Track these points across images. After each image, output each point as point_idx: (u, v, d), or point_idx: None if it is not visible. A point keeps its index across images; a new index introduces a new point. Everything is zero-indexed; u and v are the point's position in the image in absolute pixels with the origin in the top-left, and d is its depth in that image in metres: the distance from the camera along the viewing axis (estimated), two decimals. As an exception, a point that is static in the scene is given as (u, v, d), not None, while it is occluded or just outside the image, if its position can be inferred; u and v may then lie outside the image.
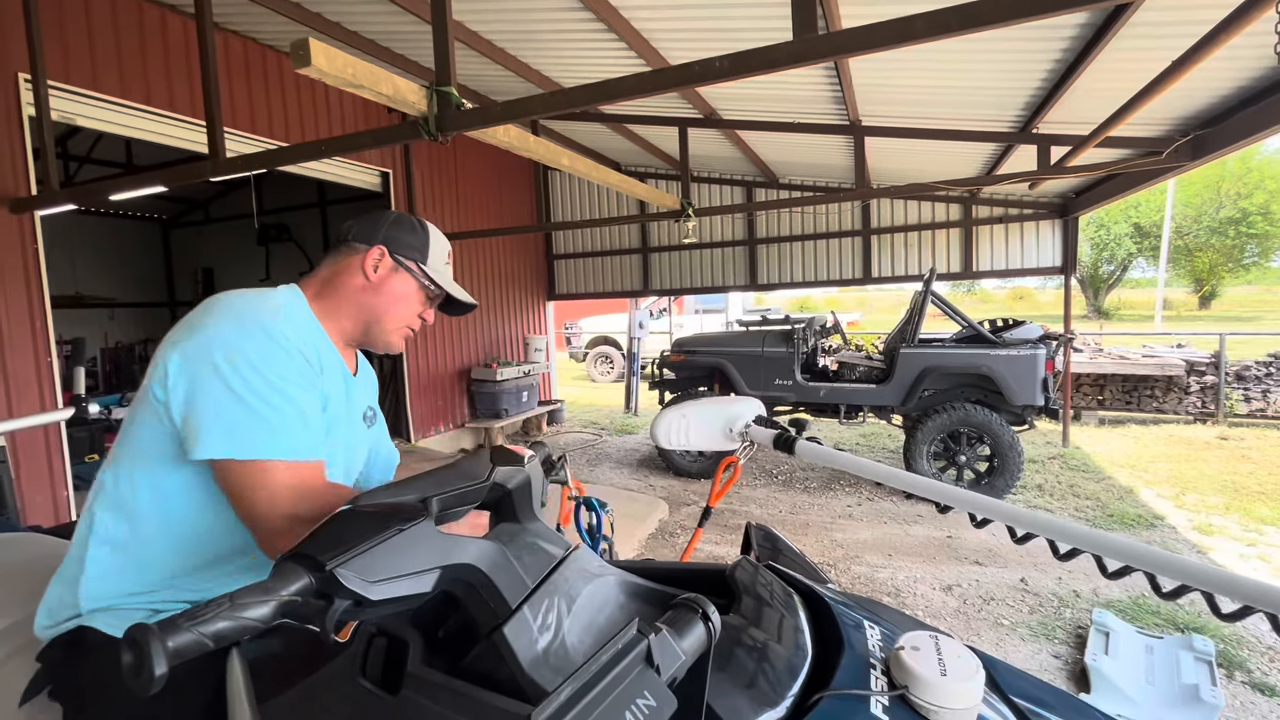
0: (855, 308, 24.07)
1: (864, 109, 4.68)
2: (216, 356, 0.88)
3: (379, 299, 1.11)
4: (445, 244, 1.20)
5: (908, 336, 5.11)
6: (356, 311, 1.11)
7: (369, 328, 1.13)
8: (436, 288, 1.15)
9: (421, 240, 1.15)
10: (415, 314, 1.16)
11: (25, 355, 3.50)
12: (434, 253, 1.16)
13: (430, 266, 1.15)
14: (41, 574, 1.23)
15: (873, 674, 0.71)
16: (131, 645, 0.46)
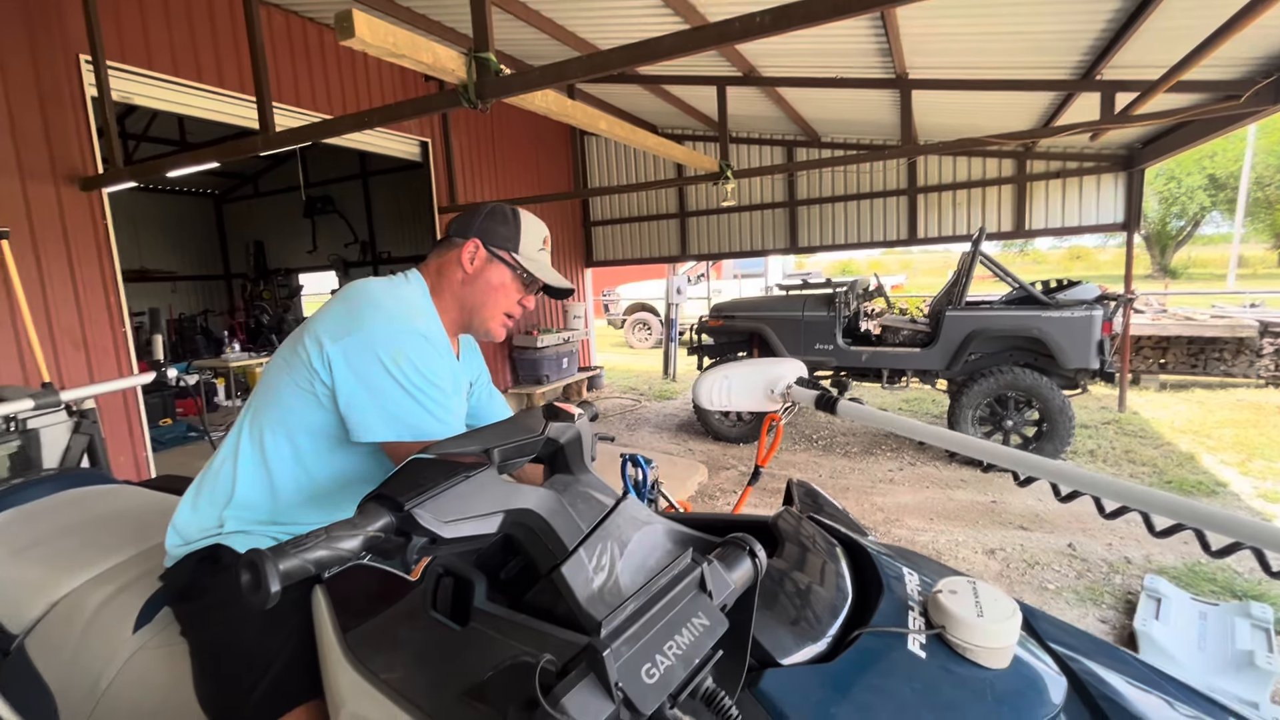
0: (899, 270, 23.33)
1: (912, 61, 4.47)
2: (382, 356, 1.01)
3: (476, 290, 1.19)
4: (540, 230, 1.24)
5: (954, 299, 4.97)
6: (459, 303, 1.20)
7: (471, 317, 1.21)
8: (530, 276, 1.20)
9: (513, 230, 1.20)
10: (514, 302, 1.22)
11: (102, 326, 3.74)
12: (526, 240, 1.21)
13: (523, 255, 1.20)
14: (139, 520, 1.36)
15: (910, 615, 0.74)
16: (249, 566, 0.52)
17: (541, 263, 1.23)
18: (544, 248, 1.25)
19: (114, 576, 1.17)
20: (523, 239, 1.20)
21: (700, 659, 0.55)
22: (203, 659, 0.96)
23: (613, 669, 0.48)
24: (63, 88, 3.53)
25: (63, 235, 3.56)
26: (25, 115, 3.38)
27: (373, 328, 1.02)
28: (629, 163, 8.23)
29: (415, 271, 1.21)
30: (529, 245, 1.21)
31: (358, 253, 10.69)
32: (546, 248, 1.26)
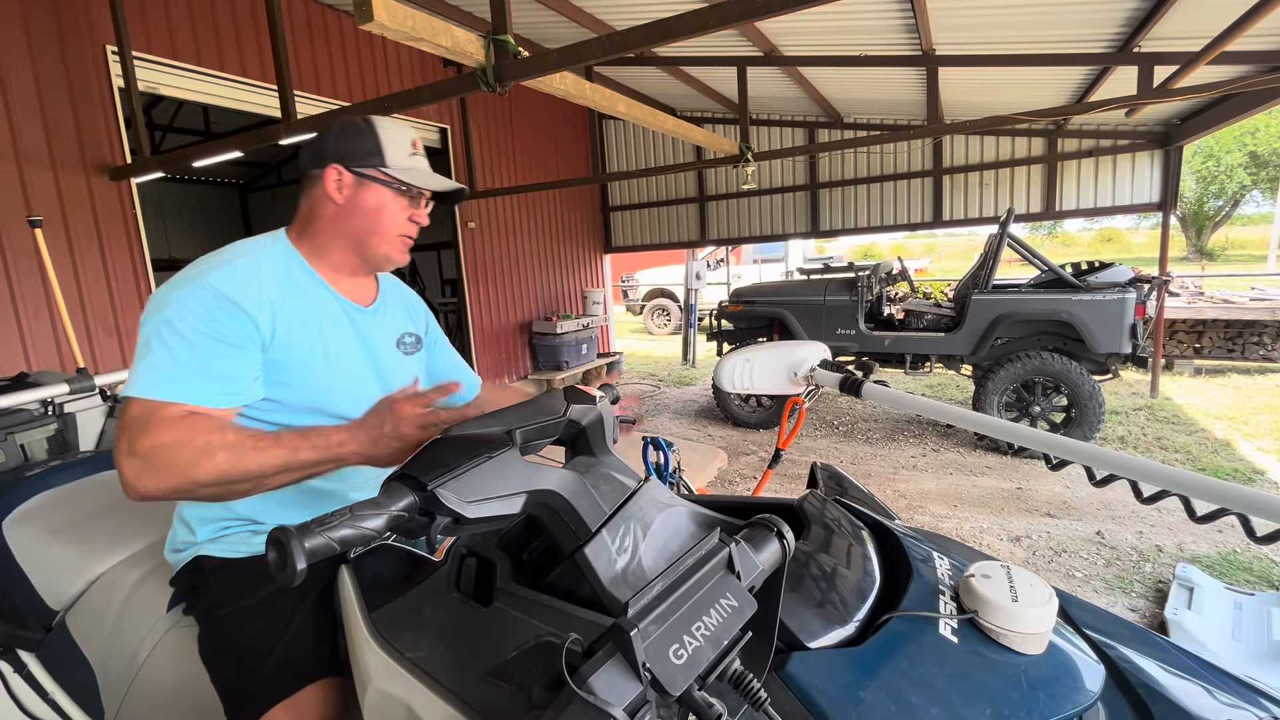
0: (924, 254, 22.89)
1: (939, 37, 4.34)
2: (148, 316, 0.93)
3: (355, 219, 1.07)
4: (405, 134, 1.10)
5: (980, 282, 4.86)
6: (342, 238, 1.08)
7: (362, 249, 1.09)
8: (410, 187, 1.08)
9: (373, 142, 1.06)
10: (403, 220, 1.10)
11: (134, 312, 3.83)
12: (392, 150, 1.07)
13: (394, 166, 1.06)
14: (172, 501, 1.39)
15: (941, 599, 0.72)
16: (275, 545, 0.53)
17: (417, 169, 1.09)
18: (415, 151, 1.10)
19: (148, 556, 1.20)
20: (387, 149, 1.06)
21: (729, 641, 0.54)
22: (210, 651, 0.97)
23: (640, 649, 0.48)
24: (91, 80, 3.59)
25: (94, 224, 3.64)
26: (56, 107, 3.44)
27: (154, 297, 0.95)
28: (647, 147, 8.15)
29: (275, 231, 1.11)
30: (397, 154, 1.07)
31: (379, 240, 10.80)
32: (418, 150, 1.11)
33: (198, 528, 1.05)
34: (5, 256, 3.28)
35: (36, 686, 1.15)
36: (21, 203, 3.33)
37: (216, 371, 0.92)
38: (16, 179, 3.31)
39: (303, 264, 1.07)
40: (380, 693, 0.74)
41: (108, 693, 1.08)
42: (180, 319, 0.91)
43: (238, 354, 0.94)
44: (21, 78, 3.30)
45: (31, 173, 3.37)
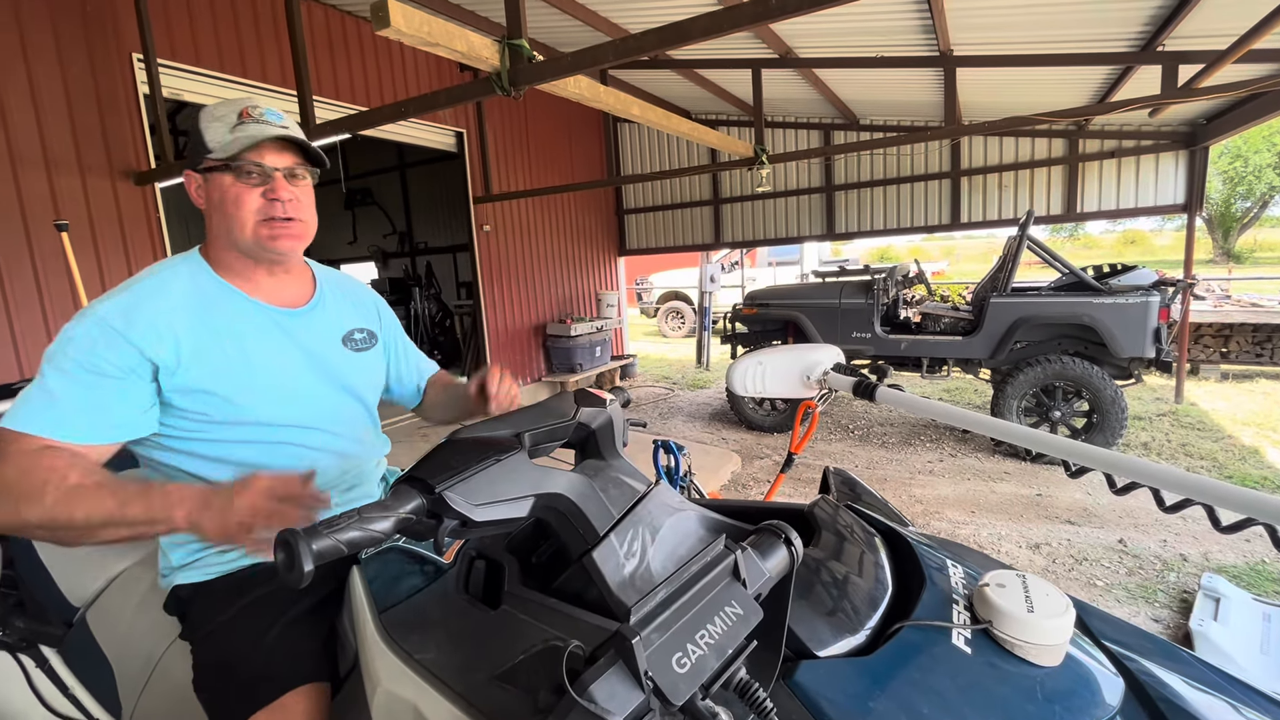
0: (941, 256, 22.65)
1: (956, 37, 4.30)
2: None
3: (215, 218, 1.02)
4: (229, 109, 1.01)
5: (999, 285, 4.79)
6: (222, 242, 1.03)
7: (237, 248, 1.03)
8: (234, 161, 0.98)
9: (198, 135, 1.00)
10: (254, 199, 1.00)
11: (157, 315, 3.90)
12: (213, 131, 0.99)
13: (216, 147, 0.98)
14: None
15: (955, 609, 0.71)
16: (283, 547, 0.53)
17: (240, 138, 0.97)
18: (243, 120, 0.99)
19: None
20: (208, 134, 0.99)
21: (734, 649, 0.53)
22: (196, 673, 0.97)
23: (642, 657, 0.47)
24: (117, 87, 3.67)
25: (119, 228, 3.72)
26: (84, 114, 3.53)
27: None
28: (662, 150, 8.16)
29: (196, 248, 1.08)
30: (217, 134, 0.98)
31: (396, 243, 10.90)
32: (249, 118, 0.99)
33: (170, 552, 1.04)
34: (34, 259, 3.36)
35: (58, 681, 1.17)
36: (50, 207, 3.41)
37: (88, 405, 0.88)
38: (46, 184, 3.39)
39: (213, 277, 1.04)
40: (389, 694, 0.74)
41: (125, 690, 1.10)
42: (61, 351, 0.89)
43: (116, 386, 0.90)
44: (51, 86, 3.39)
45: (60, 178, 3.45)
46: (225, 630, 0.96)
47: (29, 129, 3.31)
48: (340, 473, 1.12)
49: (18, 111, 3.27)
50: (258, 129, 0.99)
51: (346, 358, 1.14)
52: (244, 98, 1.04)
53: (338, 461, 1.11)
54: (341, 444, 1.12)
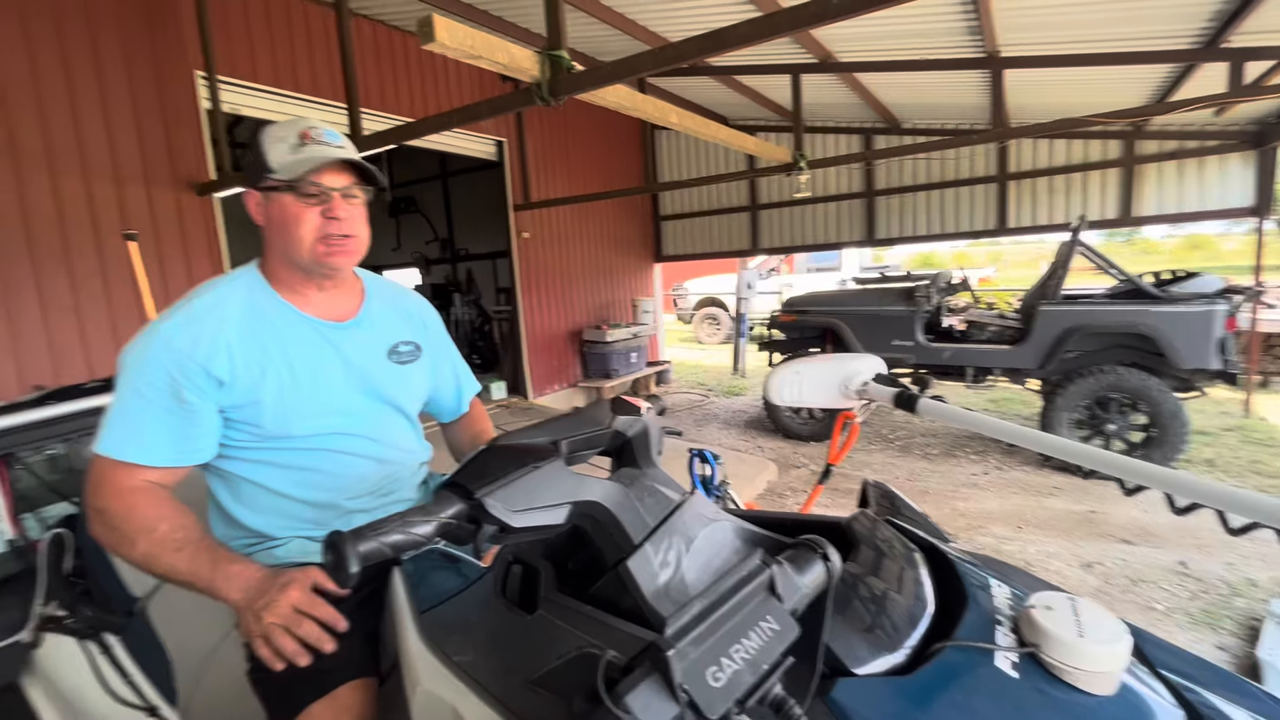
0: (987, 263, 21.96)
1: (1004, 38, 4.18)
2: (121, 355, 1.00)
3: (274, 235, 1.06)
4: (289, 129, 1.05)
5: (1049, 292, 4.62)
6: (279, 258, 1.08)
7: (293, 264, 1.07)
8: (297, 182, 1.01)
9: (259, 153, 1.03)
10: (314, 219, 1.03)
11: (214, 319, 4.08)
12: (274, 152, 1.02)
13: (280, 168, 1.02)
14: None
15: (999, 630, 0.69)
16: (331, 549, 0.55)
17: (300, 159, 1.01)
18: (304, 142, 1.03)
19: None
20: (270, 154, 1.02)
21: (769, 665, 0.53)
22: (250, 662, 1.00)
23: (677, 670, 0.47)
24: (182, 103, 3.87)
25: (180, 237, 3.91)
26: (151, 129, 3.73)
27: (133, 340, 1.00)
28: (699, 156, 8.16)
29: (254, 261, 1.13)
30: (280, 155, 1.02)
31: (438, 250, 11.16)
32: (309, 140, 1.03)
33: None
34: (103, 267, 3.56)
35: (119, 668, 1.24)
36: (118, 217, 3.61)
37: (172, 434, 0.98)
38: (115, 195, 3.60)
39: (268, 291, 1.08)
40: (428, 694, 0.76)
41: (182, 678, 1.15)
42: (140, 375, 0.96)
43: (195, 414, 0.98)
44: (121, 103, 3.60)
45: (128, 189, 3.65)
46: None
47: (101, 143, 3.52)
48: (380, 478, 1.16)
49: (91, 126, 3.48)
50: (319, 151, 1.03)
51: (390, 370, 1.17)
52: (302, 119, 1.07)
53: (378, 467, 1.15)
54: (382, 450, 1.16)
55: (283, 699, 0.93)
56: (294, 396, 1.04)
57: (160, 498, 0.97)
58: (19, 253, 3.25)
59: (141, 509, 0.94)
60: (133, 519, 0.93)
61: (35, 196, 3.29)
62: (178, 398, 0.97)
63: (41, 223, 3.32)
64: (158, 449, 0.97)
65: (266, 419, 1.03)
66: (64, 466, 1.57)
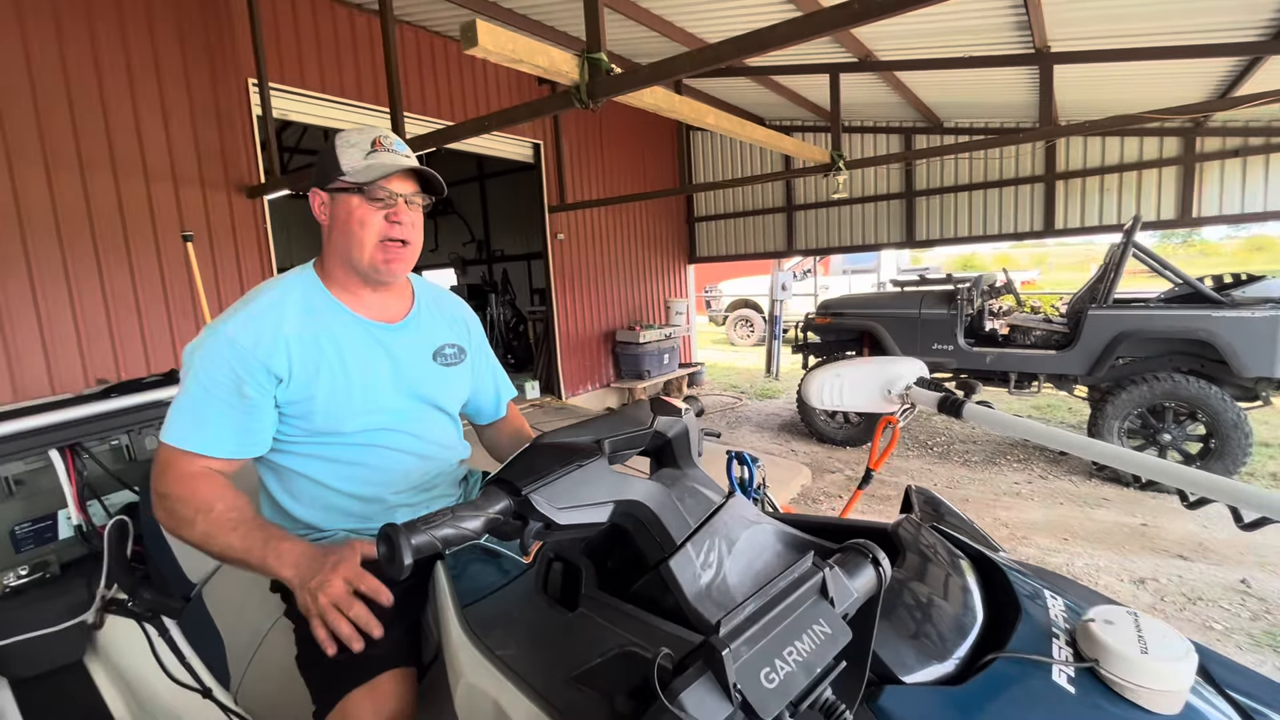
0: (1031, 265, 21.26)
1: (1054, 33, 4.05)
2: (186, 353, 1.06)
3: (336, 235, 1.10)
4: (364, 136, 1.10)
5: (1099, 295, 4.45)
6: (337, 258, 1.11)
7: (351, 265, 1.11)
8: (366, 185, 1.06)
9: (332, 156, 1.08)
10: (377, 222, 1.08)
11: (262, 317, 4.23)
12: (348, 156, 1.08)
13: (352, 172, 1.07)
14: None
15: (1055, 643, 0.66)
16: (386, 540, 0.56)
17: (374, 165, 1.07)
18: (375, 149, 1.08)
19: None
20: (344, 158, 1.07)
21: (822, 669, 0.52)
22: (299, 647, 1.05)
23: (731, 669, 0.47)
24: (235, 109, 4.02)
25: (232, 237, 4.07)
26: (206, 134, 3.89)
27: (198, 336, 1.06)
28: (734, 156, 8.11)
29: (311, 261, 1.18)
30: (352, 159, 1.07)
31: (474, 251, 11.35)
32: (381, 147, 1.09)
33: None
34: (162, 265, 3.73)
35: (176, 650, 1.29)
36: (176, 218, 3.77)
37: (234, 426, 1.02)
38: (173, 197, 3.76)
39: (323, 291, 1.12)
40: (471, 687, 0.77)
41: (234, 661, 1.19)
42: (204, 369, 1.01)
43: (252, 406, 1.03)
44: (179, 109, 3.76)
45: (184, 191, 3.81)
46: None
47: (160, 147, 3.69)
48: (423, 474, 1.20)
49: (152, 131, 3.64)
50: (391, 158, 1.08)
51: (435, 372, 1.20)
52: (375, 127, 1.13)
53: (421, 464, 1.19)
54: (425, 448, 1.19)
55: (327, 685, 0.96)
56: (345, 394, 1.08)
57: (218, 482, 1.02)
58: (86, 251, 3.42)
59: (201, 492, 0.99)
60: (192, 501, 0.98)
61: (101, 199, 3.46)
62: (239, 392, 1.01)
63: (105, 223, 3.49)
64: (219, 440, 1.02)
65: (318, 415, 1.07)
66: (126, 456, 1.65)
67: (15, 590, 1.40)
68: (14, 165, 3.15)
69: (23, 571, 1.43)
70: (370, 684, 0.93)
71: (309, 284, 1.13)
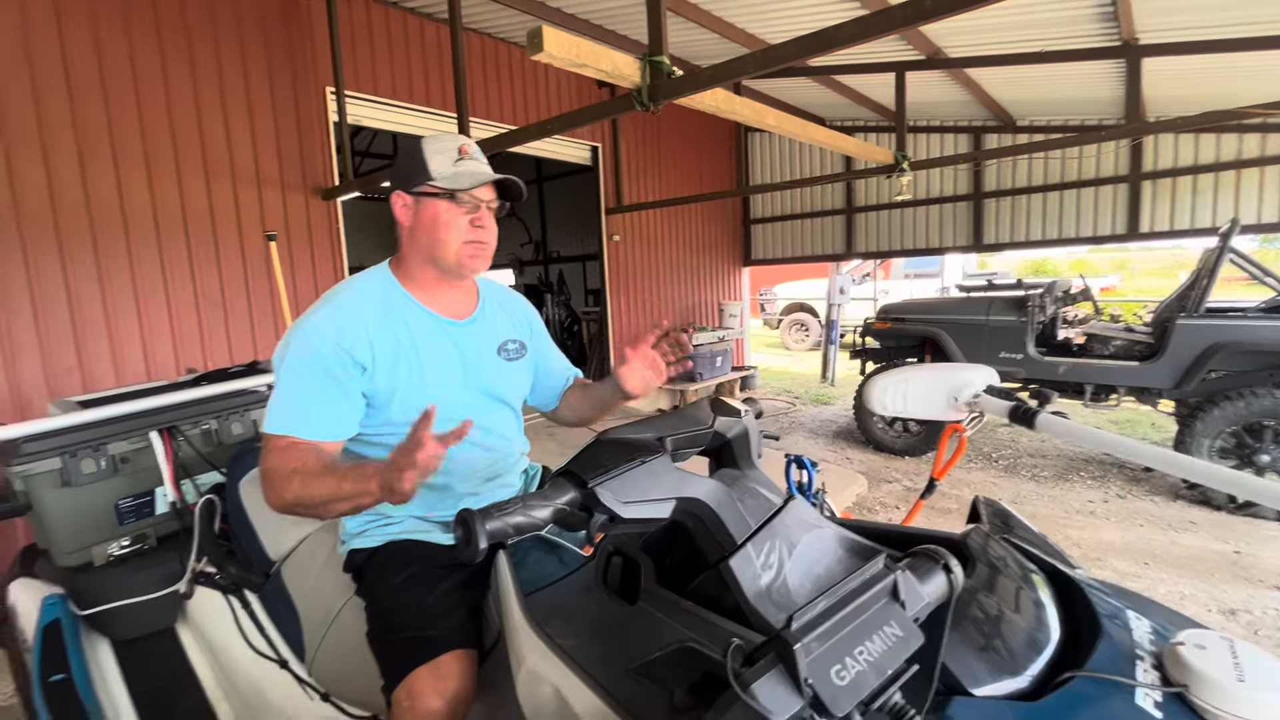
0: (1111, 270, 20.01)
1: (1143, 23, 3.81)
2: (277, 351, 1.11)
3: (420, 235, 1.16)
4: (450, 143, 1.16)
5: (1189, 304, 4.15)
6: (417, 257, 1.18)
7: (434, 264, 1.17)
8: (453, 191, 1.13)
9: (419, 161, 1.14)
10: (462, 225, 1.14)
11: (334, 314, 4.45)
12: (436, 162, 1.13)
13: (439, 177, 1.12)
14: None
15: (1139, 665, 0.63)
16: (462, 525, 0.59)
17: (462, 173, 1.13)
18: (462, 157, 1.15)
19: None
20: (432, 164, 1.13)
21: (893, 671, 0.52)
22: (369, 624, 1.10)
23: (803, 664, 0.47)
24: (313, 116, 4.25)
25: (308, 237, 4.30)
26: (287, 139, 4.13)
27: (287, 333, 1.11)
28: (792, 158, 7.98)
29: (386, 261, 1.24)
30: (441, 165, 1.13)
31: (531, 252, 11.60)
32: (466, 155, 1.15)
33: (346, 523, 1.22)
34: (245, 264, 3.98)
35: (256, 622, 1.38)
36: (258, 219, 4.02)
37: (326, 409, 1.07)
38: (256, 199, 4.01)
39: (399, 289, 1.19)
40: (532, 672, 0.79)
41: (309, 635, 1.27)
42: (296, 359, 1.07)
43: (344, 391, 1.08)
44: (265, 117, 4.00)
45: (267, 194, 4.06)
46: (392, 593, 1.09)
47: (246, 152, 3.94)
48: (486, 464, 1.25)
49: (240, 138, 3.90)
50: (477, 167, 1.16)
51: (499, 366, 1.26)
52: (458, 135, 1.25)
53: (484, 454, 1.24)
54: (491, 440, 1.24)
55: (394, 660, 1.01)
56: (419, 386, 1.14)
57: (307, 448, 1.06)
58: (180, 250, 3.69)
59: (293, 454, 1.03)
60: (286, 465, 1.02)
61: (194, 201, 3.73)
62: (330, 377, 1.07)
63: (197, 223, 3.75)
64: (315, 422, 1.07)
65: (395, 405, 1.13)
66: (214, 440, 1.77)
67: (119, 559, 1.53)
68: (120, 170, 3.43)
69: (125, 542, 1.56)
70: (434, 663, 0.97)
71: (386, 282, 1.20)
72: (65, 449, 1.49)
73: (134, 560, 1.53)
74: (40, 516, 1.50)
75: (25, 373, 3.14)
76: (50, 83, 3.17)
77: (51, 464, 1.48)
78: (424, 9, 4.68)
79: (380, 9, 4.50)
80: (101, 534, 1.55)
